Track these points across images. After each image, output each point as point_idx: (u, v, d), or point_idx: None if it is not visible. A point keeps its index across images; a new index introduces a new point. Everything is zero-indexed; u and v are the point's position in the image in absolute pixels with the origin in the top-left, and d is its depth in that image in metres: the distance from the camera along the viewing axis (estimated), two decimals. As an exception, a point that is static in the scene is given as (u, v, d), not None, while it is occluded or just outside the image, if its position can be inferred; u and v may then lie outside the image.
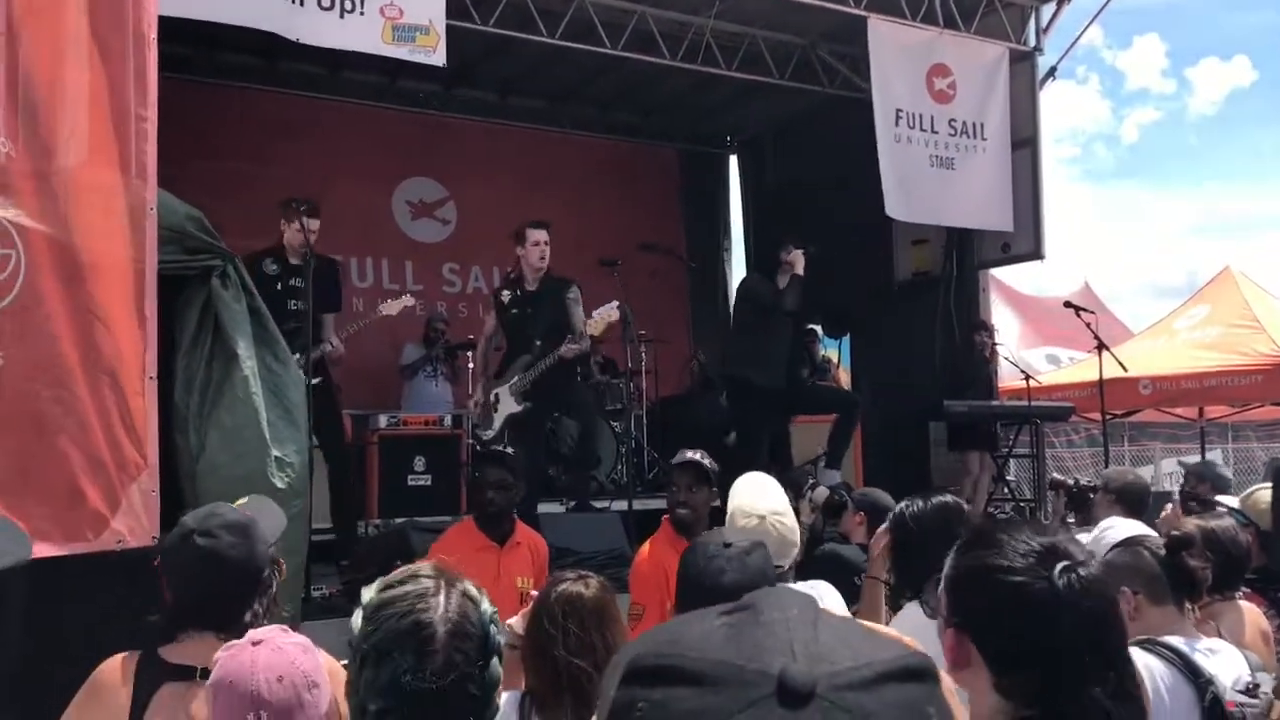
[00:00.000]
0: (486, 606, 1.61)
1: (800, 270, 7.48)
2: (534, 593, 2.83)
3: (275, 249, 6.33)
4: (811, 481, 5.36)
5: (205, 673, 2.14)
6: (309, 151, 10.13)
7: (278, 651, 1.86)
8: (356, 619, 1.60)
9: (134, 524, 3.90)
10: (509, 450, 5.29)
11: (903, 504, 3.20)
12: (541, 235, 6.63)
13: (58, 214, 3.85)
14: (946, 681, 0.91)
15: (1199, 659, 2.41)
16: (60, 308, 3.82)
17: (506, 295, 6.76)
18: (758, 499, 3.16)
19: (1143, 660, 2.42)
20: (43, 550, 3.67)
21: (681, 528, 4.27)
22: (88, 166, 3.93)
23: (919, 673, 0.65)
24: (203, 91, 9.69)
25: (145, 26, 4.12)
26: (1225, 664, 2.43)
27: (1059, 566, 1.44)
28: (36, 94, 3.87)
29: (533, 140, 11.48)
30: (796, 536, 3.09)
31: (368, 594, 1.63)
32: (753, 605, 0.67)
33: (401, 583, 1.62)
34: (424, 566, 1.67)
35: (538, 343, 6.49)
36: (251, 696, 1.80)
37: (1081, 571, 1.45)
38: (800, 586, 3.17)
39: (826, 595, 3.07)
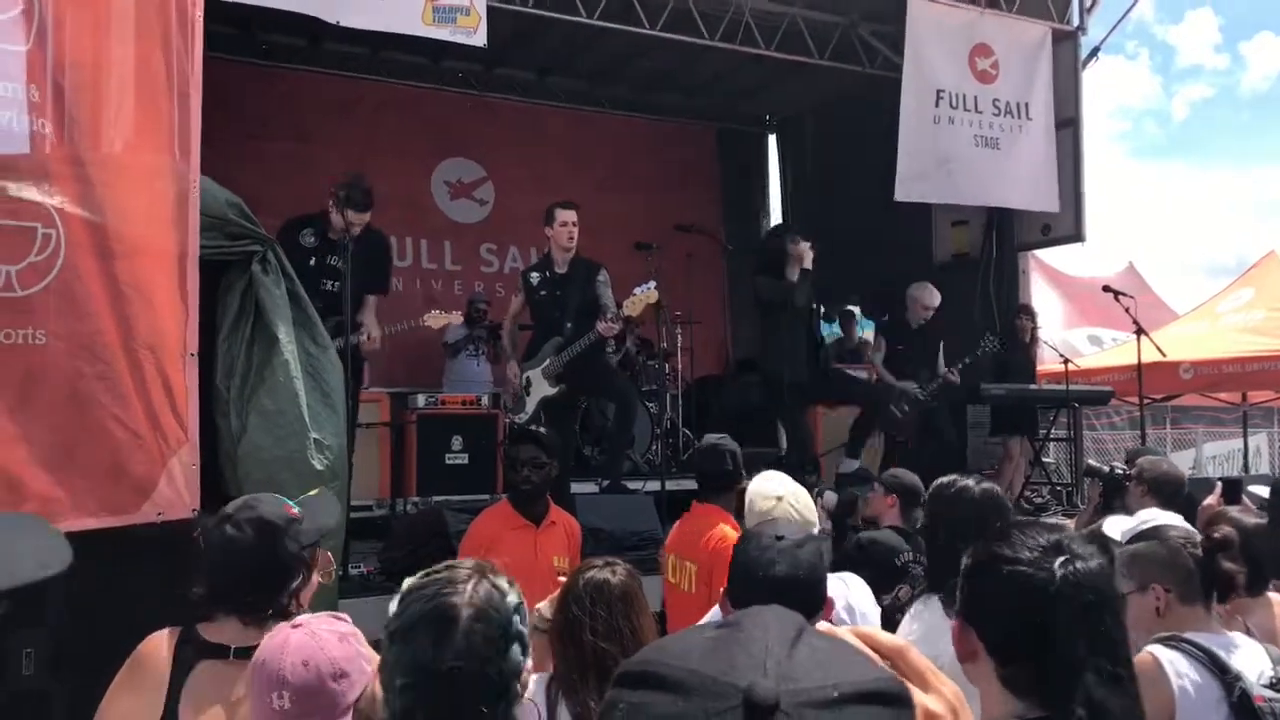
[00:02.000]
0: (514, 598, 1.66)
1: (808, 263, 7.54)
2: (562, 578, 2.89)
3: (317, 218, 5.96)
4: (819, 488, 5.36)
5: (238, 651, 2.22)
6: (350, 132, 10.21)
7: (311, 636, 1.92)
8: (392, 604, 1.66)
9: (174, 497, 3.98)
10: (543, 429, 5.35)
11: (940, 483, 3.19)
12: (570, 215, 6.60)
13: (100, 194, 3.91)
14: (949, 697, 0.94)
15: (1223, 655, 2.41)
16: (101, 285, 3.87)
17: (535, 277, 6.75)
18: (773, 484, 3.23)
19: (1167, 656, 2.42)
20: (87, 523, 3.77)
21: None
22: (131, 146, 3.99)
23: (887, 697, 0.68)
24: (245, 72, 9.79)
25: (190, 4, 4.17)
26: (1247, 659, 2.43)
27: (1059, 559, 1.50)
28: (81, 75, 3.93)
29: (571, 120, 11.50)
30: (815, 515, 3.14)
31: (407, 581, 1.69)
32: (738, 622, 0.71)
33: (438, 571, 1.68)
34: (465, 561, 1.73)
35: (569, 325, 6.48)
36: (277, 677, 1.86)
37: (1079, 565, 1.49)
38: (831, 577, 3.19)
39: (855, 587, 3.09)
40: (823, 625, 0.95)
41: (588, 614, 2.54)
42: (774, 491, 3.29)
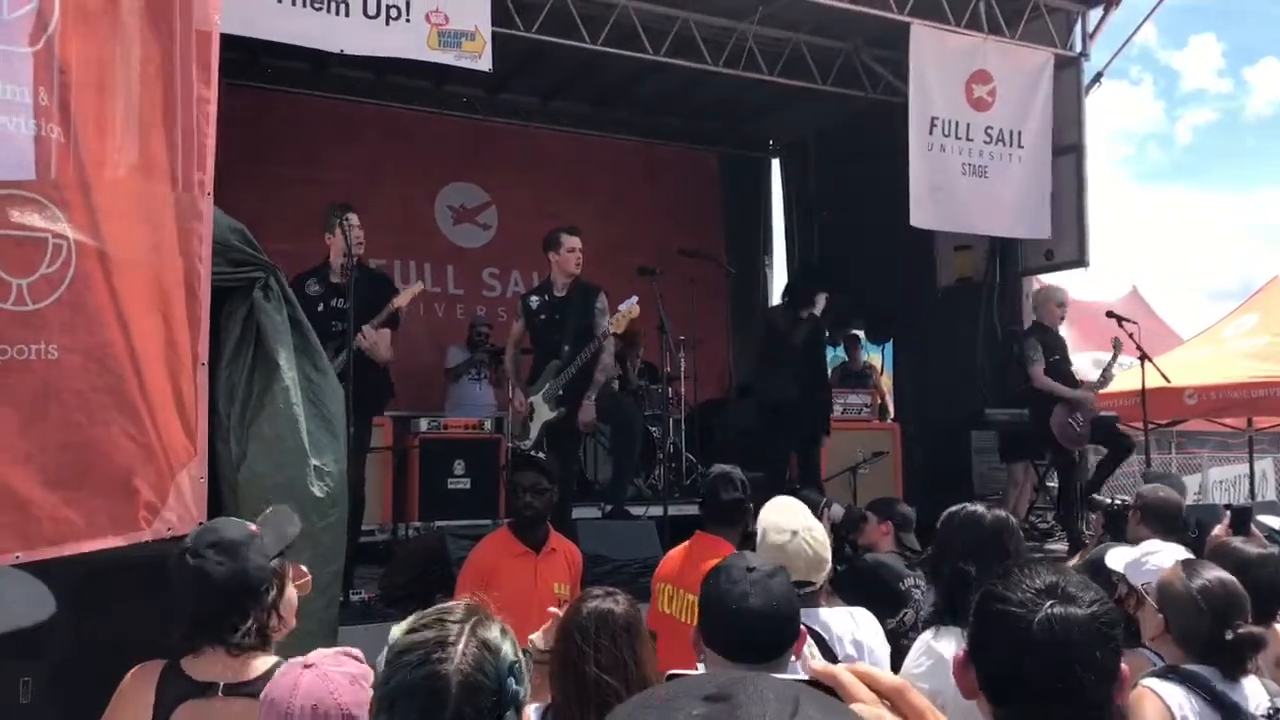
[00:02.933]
0: (507, 653, 1.62)
1: (817, 311, 7.84)
2: (560, 607, 2.85)
3: (319, 268, 6.27)
4: (825, 500, 5.35)
5: (227, 689, 2.20)
6: (354, 156, 10.25)
7: (322, 679, 1.90)
8: (381, 659, 1.63)
9: (183, 512, 3.93)
10: (542, 455, 5.35)
11: (950, 511, 3.17)
12: (576, 242, 6.69)
13: (111, 207, 3.87)
14: None
15: (1221, 687, 2.39)
16: (112, 294, 3.81)
17: (535, 301, 6.81)
18: (788, 516, 3.16)
19: (1167, 691, 2.40)
20: (99, 544, 3.72)
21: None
22: (144, 158, 3.96)
23: None
24: (249, 96, 9.82)
25: (211, 18, 4.17)
26: (1248, 693, 2.40)
27: (1048, 604, 1.48)
28: (88, 85, 3.91)
29: (574, 145, 11.53)
30: (829, 553, 3.09)
31: (395, 633, 1.65)
32: (731, 697, 0.66)
33: (427, 625, 1.63)
34: (456, 607, 1.68)
35: (566, 348, 6.50)
36: (285, 717, 1.84)
37: (1060, 610, 1.47)
38: (839, 611, 3.16)
39: (863, 624, 3.05)
40: (816, 663, 0.93)
41: (591, 645, 2.49)
42: (788, 526, 3.19)
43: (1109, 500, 4.70)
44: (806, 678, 0.89)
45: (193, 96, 4.13)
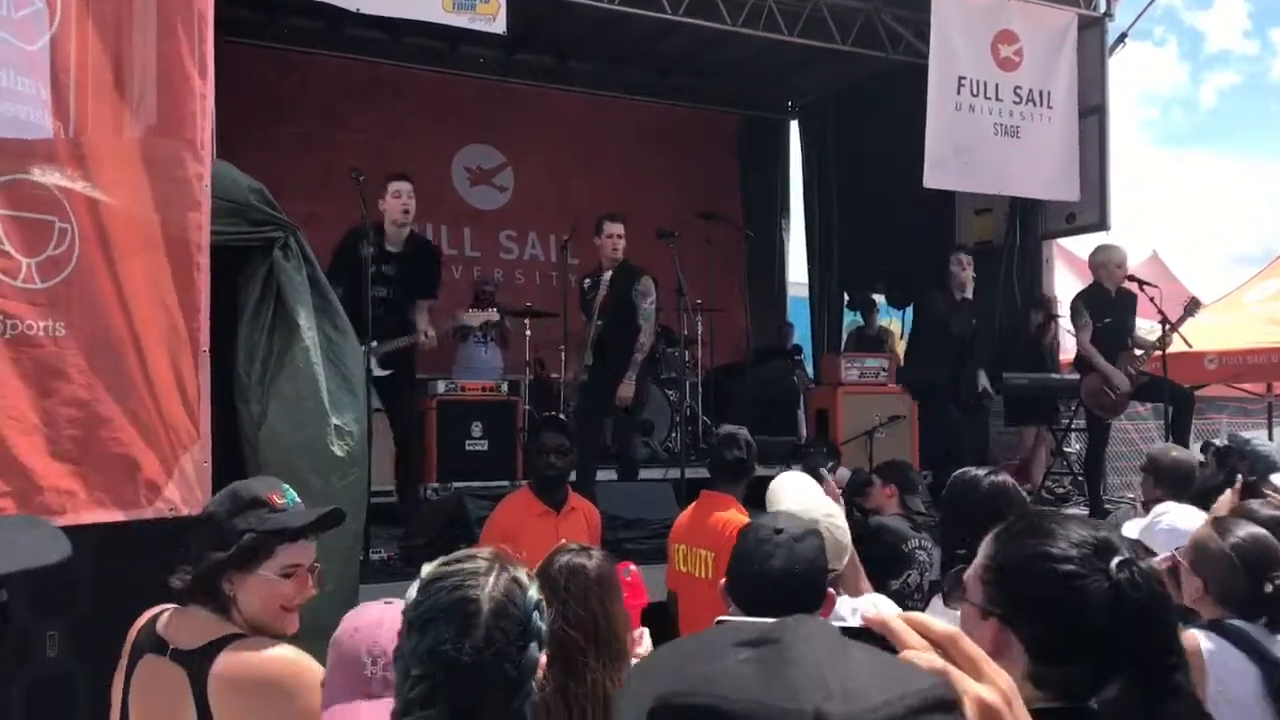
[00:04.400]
0: (534, 594, 1.64)
1: (969, 292, 8.15)
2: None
3: (374, 228, 6.22)
4: (831, 464, 5.35)
5: (175, 654, 2.12)
6: (371, 117, 10.22)
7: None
8: (412, 590, 1.65)
9: (186, 493, 4.00)
10: (562, 416, 5.41)
11: (959, 476, 3.17)
12: (616, 228, 6.90)
13: (111, 190, 3.92)
14: (1002, 687, 0.91)
15: (1264, 642, 2.39)
16: (114, 280, 3.89)
17: (587, 282, 7.20)
18: (810, 503, 3.06)
19: (1205, 644, 2.40)
20: (99, 516, 3.79)
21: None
22: (145, 143, 4.00)
23: (946, 704, 0.65)
24: (266, 56, 9.81)
25: (202, 4, 4.17)
26: None
27: (1115, 560, 1.41)
28: (98, 74, 3.93)
29: (591, 106, 11.46)
30: (849, 539, 3.06)
31: (426, 568, 1.67)
32: (780, 639, 0.66)
33: (459, 561, 1.66)
34: (483, 550, 1.70)
35: (599, 321, 6.91)
36: (373, 644, 1.84)
37: (1138, 567, 1.42)
38: (863, 601, 3.12)
39: (884, 610, 3.02)
40: (869, 610, 0.92)
41: (560, 601, 2.46)
42: (811, 515, 3.07)
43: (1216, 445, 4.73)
44: (858, 625, 0.88)
45: (191, 61, 4.12)
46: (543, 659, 1.65)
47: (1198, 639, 2.41)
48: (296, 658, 2.10)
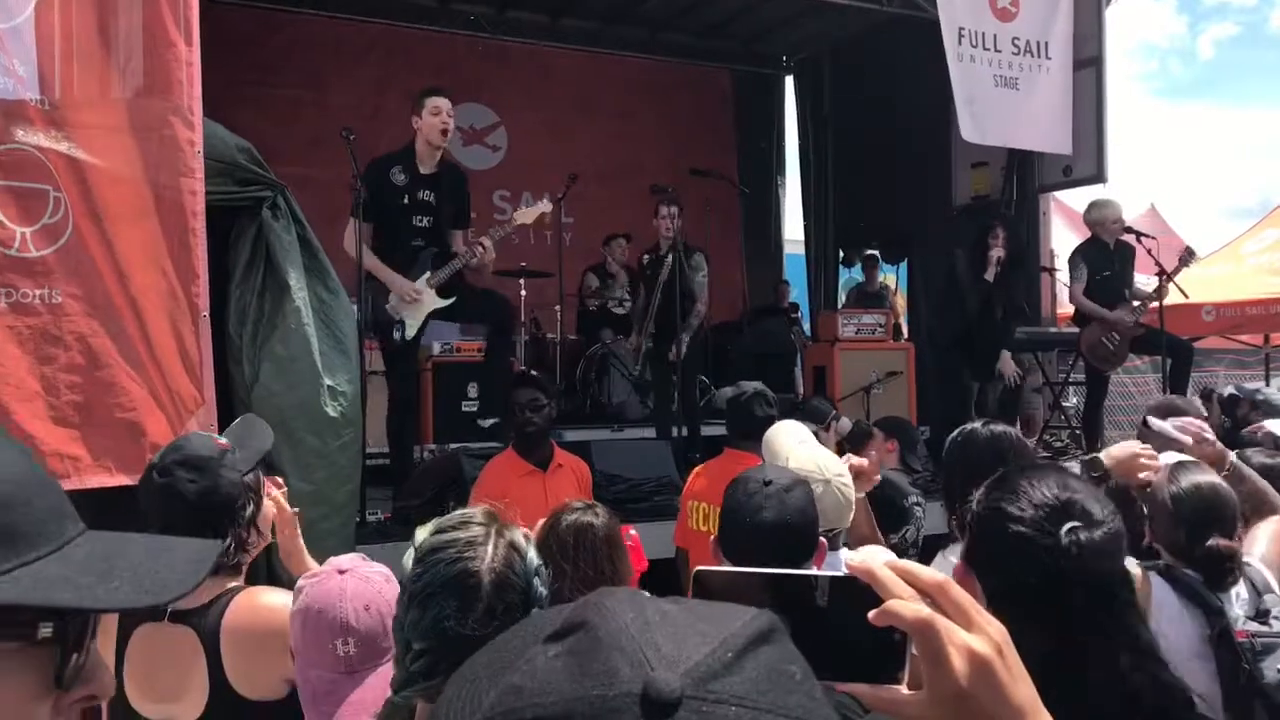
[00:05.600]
0: (532, 558, 1.62)
1: (991, 274, 7.87)
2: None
3: (404, 152, 5.93)
4: (834, 413, 5.35)
5: (173, 615, 2.14)
6: (361, 77, 10.12)
7: (365, 581, 1.91)
8: (408, 559, 1.63)
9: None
10: (534, 372, 5.40)
11: (958, 431, 3.16)
12: (670, 210, 7.15)
13: (102, 154, 3.90)
14: (993, 635, 0.88)
15: (1205, 592, 2.36)
16: (110, 248, 3.90)
17: (646, 259, 7.57)
18: (820, 460, 2.99)
19: (1156, 590, 2.38)
20: (104, 480, 3.79)
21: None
22: (134, 107, 3.97)
23: (767, 635, 0.62)
24: (255, 17, 9.70)
25: None
26: (1235, 602, 2.39)
27: (1066, 526, 1.41)
28: (84, 41, 3.90)
29: (584, 64, 11.34)
30: (854, 494, 3.05)
31: (421, 534, 1.65)
32: (585, 621, 0.61)
33: (454, 527, 1.63)
34: (476, 512, 1.68)
35: (657, 295, 7.27)
36: (340, 624, 1.85)
37: (1085, 535, 1.41)
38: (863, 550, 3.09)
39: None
40: (854, 559, 0.89)
41: (570, 562, 2.45)
42: (819, 476, 2.92)
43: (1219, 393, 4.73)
44: (843, 574, 0.86)
45: (176, 25, 4.07)
46: None
47: (1150, 582, 2.38)
48: None
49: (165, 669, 2.15)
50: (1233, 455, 3.16)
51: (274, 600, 2.17)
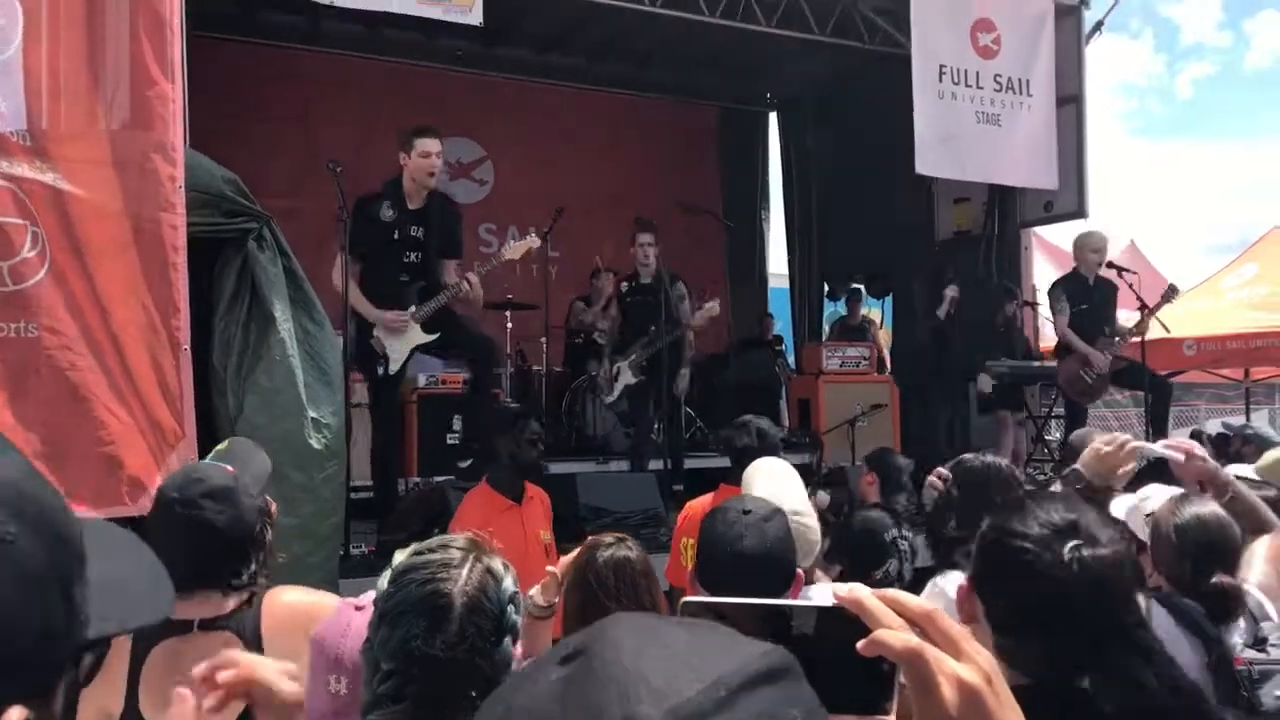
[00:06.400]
0: (509, 585, 1.62)
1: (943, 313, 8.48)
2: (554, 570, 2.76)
3: (391, 188, 5.97)
4: (812, 489, 5.34)
5: (203, 624, 2.17)
6: (349, 111, 10.15)
7: None
8: (383, 580, 1.63)
9: (175, 492, 3.98)
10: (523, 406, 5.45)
11: (952, 463, 3.17)
12: (647, 238, 7.35)
13: (85, 186, 3.92)
14: (982, 665, 0.87)
15: (1205, 623, 2.37)
16: (90, 280, 3.91)
17: (625, 286, 7.67)
18: (781, 493, 3.03)
19: (1155, 615, 2.39)
20: (82, 512, 3.77)
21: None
22: (117, 140, 3.98)
23: (772, 674, 0.61)
24: (243, 50, 9.74)
25: (166, 9, 4.13)
26: (1235, 636, 2.40)
27: (1070, 544, 1.43)
28: (71, 75, 3.92)
29: (571, 99, 11.42)
30: (818, 535, 3.05)
31: (399, 556, 1.65)
32: (586, 649, 0.61)
33: (432, 550, 1.63)
34: (458, 538, 1.67)
35: (653, 328, 7.21)
36: (335, 660, 1.83)
37: (1088, 551, 1.43)
38: (823, 587, 3.10)
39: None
40: (841, 589, 0.89)
41: (613, 597, 2.45)
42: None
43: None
44: (830, 604, 0.86)
45: (159, 62, 4.10)
46: (518, 652, 1.63)
47: (1149, 608, 2.39)
48: (336, 602, 2.13)
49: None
50: (1226, 472, 3.17)
51: (309, 597, 2.28)
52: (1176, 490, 3.16)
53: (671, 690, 0.57)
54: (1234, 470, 4.37)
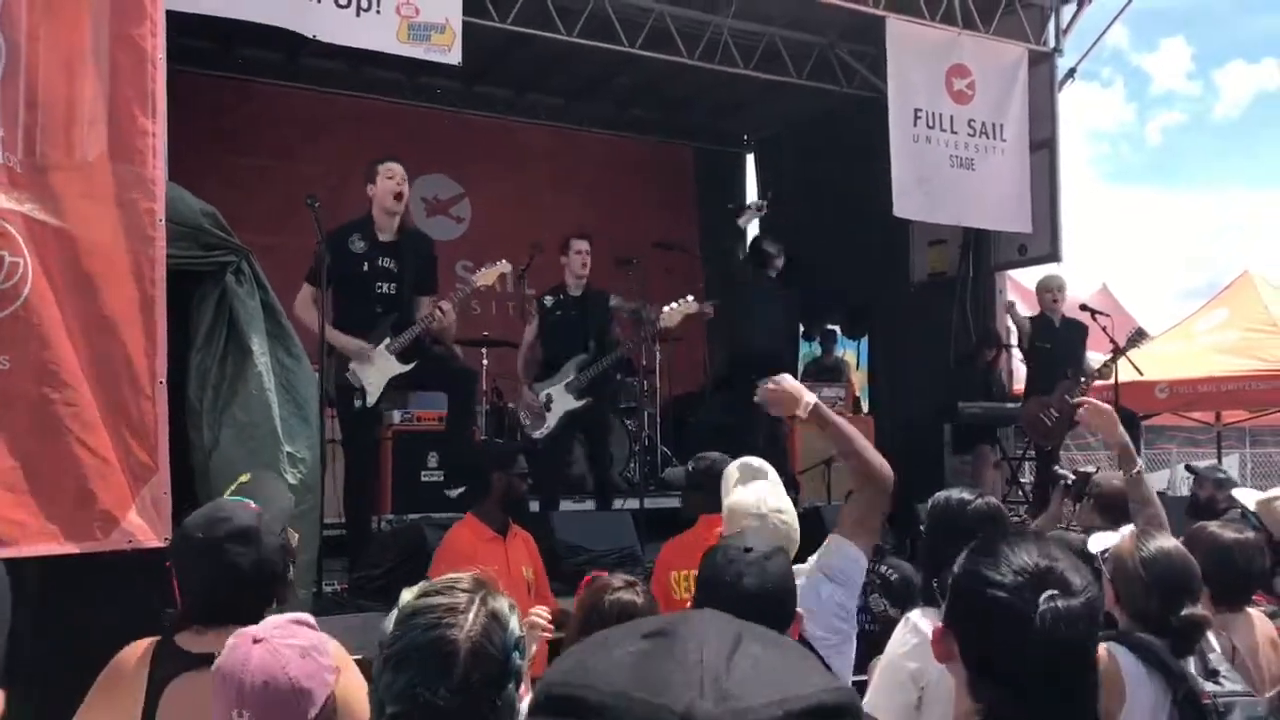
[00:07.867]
0: (514, 629, 1.61)
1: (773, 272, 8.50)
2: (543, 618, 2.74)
3: (362, 222, 5.94)
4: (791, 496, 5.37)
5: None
6: (327, 147, 10.17)
7: (273, 654, 1.86)
8: (388, 622, 1.61)
9: (146, 525, 3.94)
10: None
11: (935, 498, 3.18)
12: (583, 245, 6.95)
13: (65, 218, 3.89)
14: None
15: (1169, 659, 2.38)
16: (67, 313, 3.87)
17: (549, 300, 7.05)
18: (755, 495, 3.09)
19: (1118, 652, 2.39)
20: (51, 548, 3.72)
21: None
22: (97, 172, 3.97)
23: (837, 710, 0.62)
24: (223, 85, 9.76)
25: (147, 44, 4.13)
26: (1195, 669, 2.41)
27: (1045, 594, 1.43)
28: (51, 106, 3.91)
29: (549, 137, 11.49)
30: (797, 534, 3.08)
31: (406, 596, 1.64)
32: (671, 631, 0.64)
33: (438, 592, 1.62)
34: (464, 578, 1.67)
35: (590, 343, 6.87)
36: (237, 694, 1.82)
37: (1062, 604, 1.43)
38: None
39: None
40: None
41: None
42: (755, 510, 3.06)
43: (1069, 475, 4.75)
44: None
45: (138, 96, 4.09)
46: (523, 692, 1.62)
47: (1116, 656, 2.39)
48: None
49: None
50: (1141, 462, 3.31)
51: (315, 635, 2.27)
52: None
53: (738, 694, 0.60)
54: (1239, 494, 4.41)
